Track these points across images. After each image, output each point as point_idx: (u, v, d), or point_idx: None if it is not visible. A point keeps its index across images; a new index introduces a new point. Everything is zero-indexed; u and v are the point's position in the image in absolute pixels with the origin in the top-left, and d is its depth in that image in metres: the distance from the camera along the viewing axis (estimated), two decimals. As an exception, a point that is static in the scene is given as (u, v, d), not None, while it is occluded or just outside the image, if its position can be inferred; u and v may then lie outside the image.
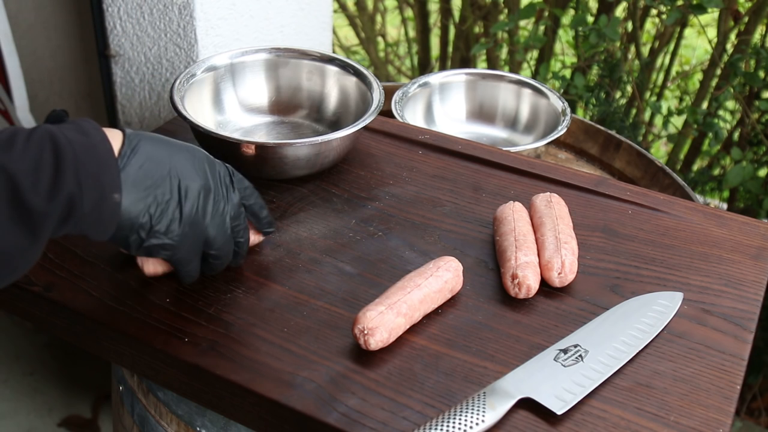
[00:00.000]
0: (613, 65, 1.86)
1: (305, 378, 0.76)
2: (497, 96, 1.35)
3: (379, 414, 0.73)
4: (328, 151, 1.01)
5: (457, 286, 0.85)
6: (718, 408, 0.75)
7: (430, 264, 0.84)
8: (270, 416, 0.75)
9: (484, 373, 0.77)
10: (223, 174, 0.82)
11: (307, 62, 1.16)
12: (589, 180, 1.05)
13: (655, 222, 0.99)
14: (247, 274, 0.88)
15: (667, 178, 1.26)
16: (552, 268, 0.86)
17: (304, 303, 0.85)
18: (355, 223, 0.97)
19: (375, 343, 0.77)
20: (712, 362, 0.79)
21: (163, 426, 0.92)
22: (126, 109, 1.55)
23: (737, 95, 1.81)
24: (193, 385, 0.79)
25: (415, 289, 0.80)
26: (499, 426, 0.71)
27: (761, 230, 0.98)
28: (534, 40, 1.85)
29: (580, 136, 1.40)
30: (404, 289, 0.80)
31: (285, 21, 1.53)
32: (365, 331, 0.77)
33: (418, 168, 1.07)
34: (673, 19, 1.68)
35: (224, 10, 1.40)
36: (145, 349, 0.80)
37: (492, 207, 1.00)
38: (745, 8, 1.87)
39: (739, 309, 0.86)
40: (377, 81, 1.09)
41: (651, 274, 0.90)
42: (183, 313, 0.82)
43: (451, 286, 0.84)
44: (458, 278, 0.85)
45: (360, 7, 2.60)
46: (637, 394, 0.76)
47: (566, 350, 0.79)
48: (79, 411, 1.84)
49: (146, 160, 0.74)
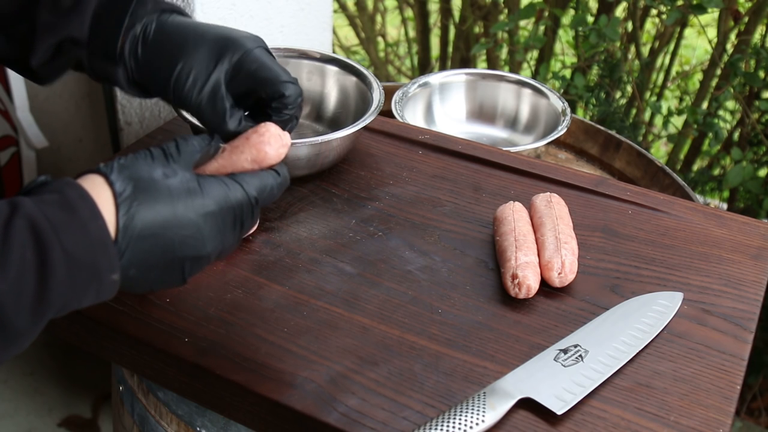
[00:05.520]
0: (613, 65, 1.86)
1: (305, 378, 0.76)
2: (497, 96, 1.35)
3: (379, 414, 0.73)
4: (328, 151, 1.01)
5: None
6: (718, 408, 0.75)
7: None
8: (270, 416, 0.75)
9: (484, 373, 0.77)
10: (246, 214, 0.69)
11: (307, 62, 1.16)
12: (589, 180, 1.05)
13: (655, 222, 0.99)
14: (247, 274, 0.88)
15: (667, 178, 1.26)
16: (552, 268, 0.86)
17: (304, 303, 0.85)
18: (355, 223, 0.97)
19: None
20: (712, 362, 0.79)
21: (163, 426, 0.92)
22: (126, 109, 1.55)
23: (737, 95, 1.81)
24: (193, 385, 0.79)
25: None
26: (499, 426, 0.71)
27: (761, 230, 0.98)
28: (534, 40, 1.85)
29: (580, 136, 1.40)
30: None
31: (285, 21, 1.53)
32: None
33: (418, 168, 1.07)
34: (673, 19, 1.68)
35: (224, 11, 1.40)
36: (145, 349, 0.80)
37: (492, 207, 1.00)
38: (745, 8, 1.87)
39: (739, 309, 0.86)
40: (377, 81, 1.09)
41: (651, 274, 0.90)
42: (183, 313, 0.82)
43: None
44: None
45: (360, 7, 2.60)
46: (637, 394, 0.76)
47: (566, 350, 0.79)
48: (79, 411, 1.84)
49: (149, 236, 0.62)
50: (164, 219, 0.63)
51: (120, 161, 0.63)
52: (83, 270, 0.58)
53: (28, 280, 0.55)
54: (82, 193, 0.59)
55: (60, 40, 0.75)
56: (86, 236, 0.57)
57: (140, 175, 0.63)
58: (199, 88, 0.74)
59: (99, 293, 0.60)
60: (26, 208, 0.56)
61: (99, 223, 0.59)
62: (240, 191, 0.67)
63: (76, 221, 0.57)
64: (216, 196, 0.66)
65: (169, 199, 0.63)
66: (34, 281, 0.55)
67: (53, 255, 0.55)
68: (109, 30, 0.75)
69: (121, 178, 0.62)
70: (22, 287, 0.54)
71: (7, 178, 1.76)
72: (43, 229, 0.55)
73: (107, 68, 0.76)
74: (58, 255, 0.56)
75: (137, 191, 0.62)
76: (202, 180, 0.66)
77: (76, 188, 0.59)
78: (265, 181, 0.70)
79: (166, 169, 0.64)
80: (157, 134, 1.11)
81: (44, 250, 0.55)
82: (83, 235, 0.57)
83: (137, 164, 0.64)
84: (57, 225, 0.56)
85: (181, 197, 0.64)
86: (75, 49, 0.76)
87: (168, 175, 0.64)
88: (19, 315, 0.55)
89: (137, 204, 0.61)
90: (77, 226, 0.57)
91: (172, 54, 0.74)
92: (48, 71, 0.78)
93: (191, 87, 0.74)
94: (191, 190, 0.64)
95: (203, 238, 0.65)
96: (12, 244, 0.54)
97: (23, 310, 0.55)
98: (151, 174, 0.63)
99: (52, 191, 0.59)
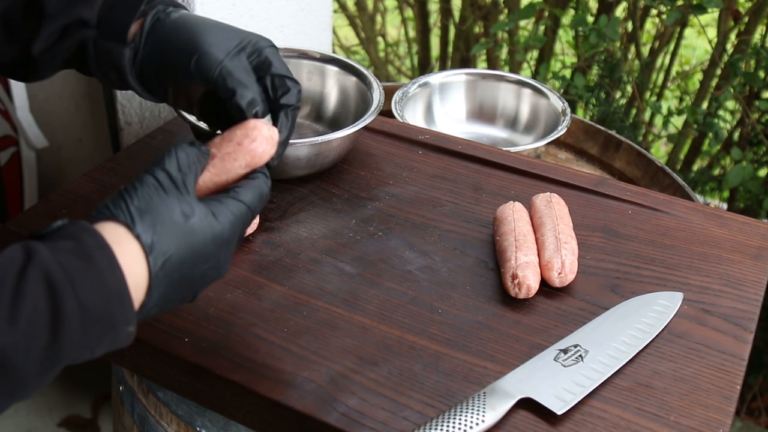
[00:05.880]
0: (613, 65, 1.86)
1: (305, 378, 0.76)
2: (497, 96, 1.35)
3: (379, 414, 0.73)
4: (328, 151, 1.01)
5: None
6: (718, 408, 0.75)
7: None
8: (270, 416, 0.75)
9: (484, 373, 0.77)
10: (247, 225, 0.69)
11: (307, 62, 1.16)
12: (589, 180, 1.05)
13: (655, 222, 0.99)
14: (247, 274, 0.88)
15: (667, 178, 1.26)
16: (552, 268, 0.86)
17: (304, 303, 0.85)
18: (355, 223, 0.97)
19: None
20: (712, 362, 0.79)
21: (163, 426, 0.92)
22: (126, 109, 1.55)
23: (737, 95, 1.81)
24: (193, 385, 0.79)
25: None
26: (499, 426, 0.71)
27: (761, 230, 0.98)
28: (534, 40, 1.85)
29: (580, 136, 1.40)
30: None
31: (285, 21, 1.53)
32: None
33: (418, 168, 1.07)
34: (673, 19, 1.68)
35: (224, 11, 1.40)
36: (145, 349, 0.80)
37: (492, 207, 1.00)
38: (745, 8, 1.87)
39: (739, 309, 0.86)
40: (377, 81, 1.09)
41: (651, 274, 0.90)
42: (183, 313, 0.82)
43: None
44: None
45: (360, 7, 2.60)
46: (637, 394, 0.76)
47: (566, 350, 0.79)
48: (79, 411, 1.84)
49: (177, 279, 0.62)
50: (191, 260, 0.63)
51: (135, 204, 0.61)
52: (97, 322, 0.56)
53: (40, 331, 0.53)
54: (100, 242, 0.57)
55: (67, 22, 0.76)
56: (102, 288, 0.56)
57: (162, 218, 0.61)
58: (230, 55, 0.75)
59: (114, 344, 0.59)
60: (41, 257, 0.54)
61: (117, 274, 0.57)
62: (244, 209, 0.67)
63: (93, 272, 0.56)
64: (229, 223, 0.65)
65: (194, 241, 0.63)
66: (46, 333, 0.53)
67: (67, 307, 0.54)
68: (123, 11, 0.76)
69: (144, 227, 0.60)
70: (32, 339, 0.53)
71: (7, 178, 1.76)
72: (57, 279, 0.54)
73: (115, 49, 0.76)
74: (71, 307, 0.54)
75: (163, 239, 0.61)
76: (214, 208, 0.65)
77: (94, 236, 0.57)
78: (260, 190, 0.70)
79: (183, 205, 0.63)
80: (157, 134, 1.11)
81: (58, 302, 0.53)
82: (99, 286, 0.56)
83: (154, 205, 0.61)
84: (72, 275, 0.54)
85: (203, 236, 0.63)
86: (82, 31, 0.76)
87: (188, 215, 0.63)
88: (29, 365, 0.54)
89: (167, 253, 0.61)
90: (93, 276, 0.55)
91: (195, 32, 0.75)
92: (48, 58, 0.78)
93: (219, 55, 0.74)
94: (211, 226, 0.64)
95: (220, 265, 0.66)
96: (25, 295, 0.52)
97: (33, 361, 0.54)
98: (172, 217, 0.62)
99: (69, 237, 0.57)
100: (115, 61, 0.76)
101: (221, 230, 0.64)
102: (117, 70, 0.77)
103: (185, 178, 0.64)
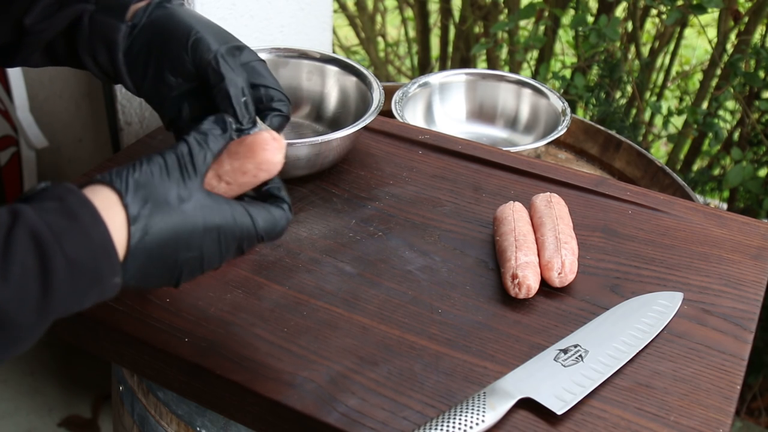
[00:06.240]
0: (613, 65, 1.86)
1: (305, 378, 0.76)
2: (497, 96, 1.35)
3: (379, 414, 0.73)
4: (328, 151, 1.01)
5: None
6: (718, 408, 0.75)
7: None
8: (270, 416, 0.75)
9: (484, 373, 0.77)
10: (249, 244, 0.68)
11: (307, 62, 1.16)
12: (589, 180, 1.05)
13: (655, 222, 0.99)
14: (247, 274, 0.88)
15: (667, 178, 1.26)
16: (552, 268, 0.86)
17: (304, 303, 0.85)
18: (355, 223, 0.97)
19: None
20: (712, 362, 0.79)
21: (163, 426, 0.92)
22: (126, 109, 1.55)
23: (737, 95, 1.81)
24: (193, 385, 0.79)
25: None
26: (499, 426, 0.71)
27: (761, 230, 0.98)
28: (534, 40, 1.85)
29: (580, 136, 1.40)
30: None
31: (285, 21, 1.53)
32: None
33: (418, 168, 1.07)
34: (673, 19, 1.68)
35: (224, 10, 1.40)
36: (145, 349, 0.80)
37: (492, 207, 1.00)
38: (745, 8, 1.87)
39: (739, 309, 0.86)
40: (377, 81, 1.09)
41: (651, 274, 0.90)
42: (183, 313, 0.82)
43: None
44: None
45: (360, 7, 2.60)
46: (637, 394, 0.76)
47: (566, 350, 0.79)
48: (79, 411, 1.84)
49: (156, 256, 0.62)
50: (174, 243, 0.63)
51: (135, 176, 0.62)
52: (85, 275, 0.58)
53: (31, 287, 0.55)
54: (82, 199, 0.59)
55: None
56: (88, 242, 0.57)
57: (155, 197, 0.62)
58: (227, 49, 0.75)
59: (101, 295, 0.61)
60: (27, 217, 0.56)
61: (101, 228, 0.58)
62: (248, 225, 0.66)
63: (78, 228, 0.57)
64: (225, 224, 0.65)
65: (181, 226, 0.63)
66: (37, 288, 0.55)
67: (55, 262, 0.56)
68: None
69: (136, 200, 0.61)
70: (25, 294, 0.55)
71: (7, 178, 1.76)
72: (44, 237, 0.55)
73: (111, 23, 0.76)
74: (60, 262, 0.56)
75: (151, 215, 0.61)
76: (217, 204, 0.65)
77: (76, 194, 0.59)
78: (276, 219, 0.68)
79: (181, 189, 0.63)
80: (158, 134, 1.11)
81: (46, 258, 0.55)
82: (85, 241, 0.57)
83: (152, 183, 0.62)
84: (58, 232, 0.56)
85: (192, 224, 0.63)
86: (80, 5, 0.76)
87: (183, 199, 0.63)
88: (23, 318, 0.56)
89: (149, 229, 0.61)
90: (79, 232, 0.57)
91: (198, 20, 0.76)
92: (37, 32, 0.77)
93: (217, 44, 0.75)
94: (204, 217, 0.64)
95: (203, 259, 0.65)
96: (14, 254, 0.54)
97: (27, 314, 0.56)
98: (167, 197, 0.62)
99: (53, 198, 0.58)
100: (109, 36, 0.76)
101: (214, 226, 0.64)
102: (108, 47, 0.76)
103: (196, 166, 0.65)
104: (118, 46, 0.76)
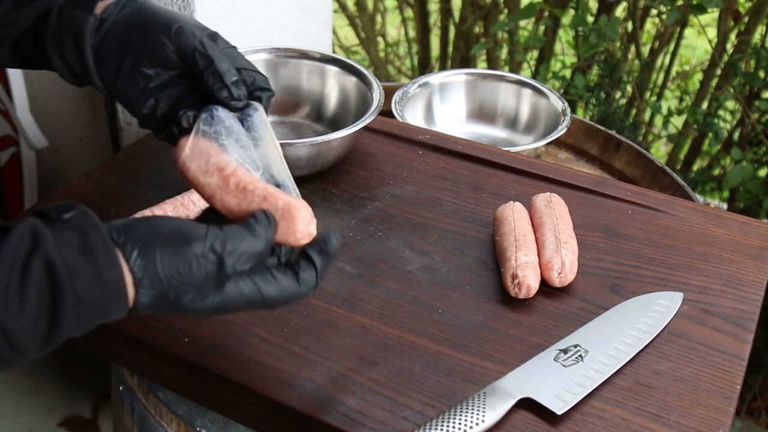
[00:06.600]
0: (613, 65, 1.86)
1: (305, 378, 0.76)
2: (497, 96, 1.35)
3: (379, 414, 0.73)
4: (328, 151, 1.01)
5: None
6: (718, 408, 0.75)
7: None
8: (270, 416, 0.75)
9: (484, 373, 0.77)
10: (257, 308, 0.67)
11: (307, 62, 1.16)
12: (589, 180, 1.05)
13: (655, 222, 0.99)
14: (247, 274, 0.88)
15: (667, 178, 1.26)
16: (552, 268, 0.86)
17: (304, 303, 0.85)
18: (355, 223, 0.97)
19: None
20: (712, 362, 0.79)
21: (163, 426, 0.92)
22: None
23: (737, 95, 1.81)
24: (193, 385, 0.79)
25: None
26: (499, 426, 0.71)
27: (761, 230, 0.98)
28: (534, 40, 1.85)
29: (580, 136, 1.40)
30: None
31: (285, 21, 1.53)
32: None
33: (418, 168, 1.07)
34: (673, 19, 1.68)
35: (224, 10, 1.40)
36: (145, 349, 0.80)
37: (492, 207, 1.00)
38: (745, 8, 1.87)
39: (739, 309, 0.86)
40: (377, 81, 1.09)
41: (651, 274, 0.90)
42: (183, 313, 0.82)
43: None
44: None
45: (360, 7, 2.60)
46: (637, 394, 0.76)
47: (566, 350, 0.79)
48: (79, 411, 1.84)
49: (159, 292, 0.62)
50: (179, 292, 0.63)
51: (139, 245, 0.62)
52: (93, 311, 0.59)
53: (42, 320, 0.57)
54: (103, 238, 0.59)
55: None
56: (100, 283, 0.59)
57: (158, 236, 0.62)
58: (207, 36, 0.76)
59: (105, 322, 0.62)
60: (46, 245, 0.57)
61: (116, 271, 0.59)
62: (257, 295, 0.65)
63: (93, 268, 0.58)
64: (229, 301, 0.65)
65: (182, 246, 0.63)
66: (46, 321, 0.58)
67: (65, 299, 0.57)
68: None
69: (137, 237, 0.61)
70: (35, 327, 0.57)
71: (7, 178, 1.76)
72: (59, 271, 0.57)
73: (78, 15, 0.75)
74: (69, 299, 0.57)
75: (153, 254, 0.61)
76: (239, 278, 0.65)
77: (98, 232, 0.60)
78: (293, 292, 0.67)
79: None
80: (157, 134, 1.11)
81: (57, 294, 0.57)
82: (98, 282, 0.58)
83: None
84: (73, 269, 0.57)
85: (203, 278, 0.63)
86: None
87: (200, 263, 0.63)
88: (32, 346, 0.58)
89: (151, 262, 0.61)
90: (93, 272, 0.58)
91: (175, 13, 0.77)
92: (5, 23, 0.77)
93: (198, 32, 0.75)
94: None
95: (211, 313, 0.66)
96: (30, 285, 0.56)
97: (35, 342, 0.58)
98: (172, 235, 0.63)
99: (75, 229, 0.59)
100: (77, 28, 0.75)
101: (219, 303, 0.64)
102: (76, 39, 0.76)
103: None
104: (85, 38, 0.75)
